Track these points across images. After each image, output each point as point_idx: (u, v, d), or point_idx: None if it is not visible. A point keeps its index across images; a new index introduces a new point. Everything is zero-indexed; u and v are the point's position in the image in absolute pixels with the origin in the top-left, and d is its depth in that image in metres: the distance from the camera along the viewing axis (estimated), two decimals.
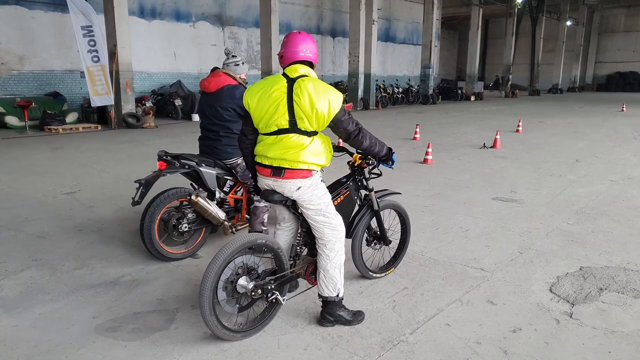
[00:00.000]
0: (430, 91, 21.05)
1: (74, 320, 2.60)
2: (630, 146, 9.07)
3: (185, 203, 3.43)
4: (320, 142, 2.43)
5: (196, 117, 12.45)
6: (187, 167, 3.35)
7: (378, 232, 3.08)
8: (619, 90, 32.81)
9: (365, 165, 2.81)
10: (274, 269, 2.52)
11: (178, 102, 13.27)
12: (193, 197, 3.30)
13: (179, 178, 3.61)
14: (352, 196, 2.85)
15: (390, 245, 3.15)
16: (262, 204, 3.51)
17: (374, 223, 3.04)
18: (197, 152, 3.70)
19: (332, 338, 2.44)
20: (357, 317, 2.57)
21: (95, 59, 10.75)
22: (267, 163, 2.43)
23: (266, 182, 2.49)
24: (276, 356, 2.29)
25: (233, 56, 3.59)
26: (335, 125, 2.38)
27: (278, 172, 2.40)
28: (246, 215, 3.68)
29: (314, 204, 2.45)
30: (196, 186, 3.56)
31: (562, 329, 2.55)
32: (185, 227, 3.39)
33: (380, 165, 2.79)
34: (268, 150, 2.41)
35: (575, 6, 30.55)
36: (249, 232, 3.51)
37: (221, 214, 3.48)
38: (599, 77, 34.98)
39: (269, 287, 2.40)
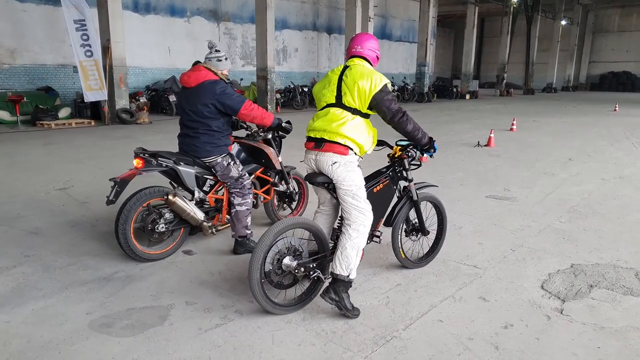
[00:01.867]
0: (426, 89, 21.09)
1: (67, 317, 2.59)
2: (622, 145, 9.16)
3: (155, 203, 3.29)
4: (364, 123, 2.63)
5: None
6: (164, 165, 3.24)
7: (416, 223, 3.23)
8: (612, 90, 33.04)
9: (405, 156, 2.96)
10: (316, 249, 2.73)
11: (172, 97, 13.18)
12: (170, 197, 3.19)
13: (158, 176, 3.50)
14: (392, 185, 3.00)
15: (428, 236, 3.31)
16: (244, 207, 3.40)
17: (412, 214, 3.18)
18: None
19: (325, 334, 2.46)
20: (355, 310, 2.62)
21: (89, 53, 10.63)
22: (312, 135, 2.68)
23: (309, 156, 2.71)
24: (270, 352, 2.30)
25: (216, 50, 3.37)
26: (378, 104, 2.58)
27: (319, 144, 2.62)
28: (227, 216, 3.51)
29: (346, 184, 2.61)
30: (175, 185, 3.46)
31: (552, 325, 2.59)
32: (162, 227, 3.27)
33: (424, 153, 2.94)
34: (315, 122, 2.67)
35: (570, 6, 30.71)
36: (233, 236, 3.48)
37: (199, 214, 3.35)
38: (592, 76, 35.20)
39: (311, 266, 2.62)
